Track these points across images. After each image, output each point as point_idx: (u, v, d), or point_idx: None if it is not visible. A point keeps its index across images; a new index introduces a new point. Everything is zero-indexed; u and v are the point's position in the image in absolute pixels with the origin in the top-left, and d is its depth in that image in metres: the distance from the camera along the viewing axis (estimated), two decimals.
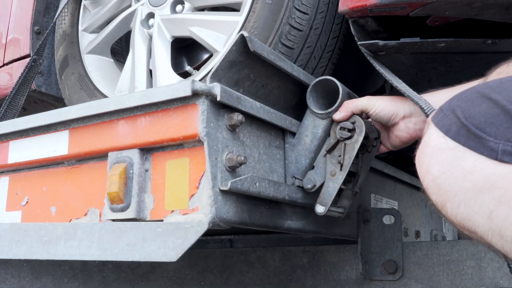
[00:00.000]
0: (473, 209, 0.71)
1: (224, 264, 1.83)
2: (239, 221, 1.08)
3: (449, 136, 0.75)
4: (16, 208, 1.36)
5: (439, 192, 0.75)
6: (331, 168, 1.22)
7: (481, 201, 0.70)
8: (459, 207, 0.73)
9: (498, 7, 1.14)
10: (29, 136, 1.33)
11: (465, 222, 0.73)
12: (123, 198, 1.10)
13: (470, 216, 0.71)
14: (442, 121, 0.77)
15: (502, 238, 0.68)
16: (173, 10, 1.65)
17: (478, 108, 0.72)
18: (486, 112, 0.71)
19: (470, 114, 0.72)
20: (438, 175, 0.75)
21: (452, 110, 0.76)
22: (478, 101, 0.73)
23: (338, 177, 1.20)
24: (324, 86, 1.27)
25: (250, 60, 1.15)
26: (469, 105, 0.73)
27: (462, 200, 0.72)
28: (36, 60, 1.78)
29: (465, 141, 0.72)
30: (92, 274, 2.01)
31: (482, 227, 0.70)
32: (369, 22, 1.30)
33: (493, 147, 0.69)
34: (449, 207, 0.74)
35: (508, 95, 0.70)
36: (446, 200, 0.74)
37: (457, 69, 1.45)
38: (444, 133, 0.75)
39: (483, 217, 0.70)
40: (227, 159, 1.05)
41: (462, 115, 0.73)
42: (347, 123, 1.22)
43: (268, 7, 1.42)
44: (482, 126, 0.71)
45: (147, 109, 1.10)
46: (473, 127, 0.71)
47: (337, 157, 1.22)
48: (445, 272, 1.51)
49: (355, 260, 1.63)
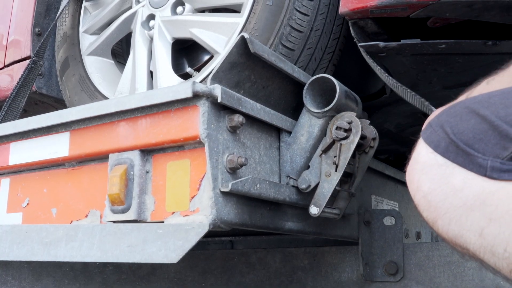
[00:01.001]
0: (464, 227, 0.70)
1: (224, 266, 1.83)
2: (239, 223, 1.08)
3: (438, 152, 0.74)
4: (17, 209, 1.36)
5: (430, 209, 0.75)
6: (326, 168, 1.20)
7: (472, 218, 0.70)
8: (450, 224, 0.72)
9: (498, 9, 1.14)
10: (30, 137, 1.33)
11: (456, 239, 0.72)
12: (124, 199, 1.10)
13: (461, 233, 0.71)
14: (431, 136, 0.76)
15: (494, 256, 0.68)
16: (173, 11, 1.65)
17: (467, 124, 0.72)
18: (474, 128, 0.71)
19: (458, 130, 0.72)
20: (429, 191, 0.75)
21: (441, 125, 0.75)
22: (467, 117, 0.72)
23: (333, 178, 1.19)
24: (321, 84, 1.25)
25: (251, 61, 1.15)
26: (458, 121, 0.73)
27: (453, 217, 0.72)
28: (36, 61, 1.78)
29: (454, 158, 0.72)
30: (93, 275, 2.01)
31: (474, 244, 0.70)
32: (369, 24, 1.30)
33: (482, 163, 0.69)
34: (440, 224, 0.74)
35: (496, 110, 0.70)
36: (437, 217, 0.74)
37: (458, 70, 1.45)
38: (433, 149, 0.75)
39: (475, 235, 0.69)
40: (228, 160, 1.05)
41: (450, 131, 0.73)
42: (344, 122, 1.19)
43: (268, 9, 1.42)
44: (470, 142, 0.70)
45: (148, 110, 1.10)
46: (462, 143, 0.71)
47: (333, 157, 1.20)
48: (446, 273, 1.51)
49: (356, 262, 1.63)
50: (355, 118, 1.20)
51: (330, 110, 1.22)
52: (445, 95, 1.38)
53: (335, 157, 1.19)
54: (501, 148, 0.68)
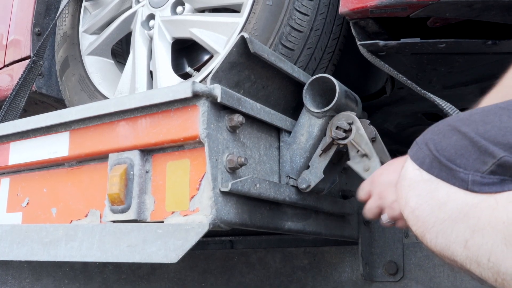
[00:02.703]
0: (450, 239, 0.73)
1: (224, 266, 1.83)
2: (239, 222, 1.08)
3: (423, 168, 0.78)
4: (16, 209, 1.36)
5: (418, 224, 0.78)
6: (363, 167, 1.18)
7: (456, 230, 0.72)
8: (437, 237, 0.75)
9: (498, 8, 1.14)
10: (29, 137, 1.33)
11: (444, 251, 0.75)
12: (124, 199, 1.10)
13: (448, 246, 0.74)
14: (417, 154, 0.80)
15: (480, 266, 0.70)
16: (173, 11, 1.65)
17: (449, 141, 0.75)
18: (456, 144, 0.74)
19: (441, 146, 0.76)
20: (416, 206, 0.78)
21: (425, 143, 0.79)
22: (449, 134, 0.76)
23: (373, 166, 1.16)
24: (321, 84, 1.25)
25: (251, 61, 1.15)
26: (441, 138, 0.77)
27: (439, 230, 0.75)
28: (36, 61, 1.78)
29: (438, 173, 0.76)
30: (93, 275, 2.01)
31: (460, 255, 0.73)
32: (369, 24, 1.30)
33: (463, 177, 0.72)
34: (428, 238, 0.77)
35: (476, 127, 0.73)
36: (425, 231, 0.77)
37: (458, 70, 1.45)
38: (418, 165, 0.79)
39: (460, 246, 0.72)
40: (228, 160, 1.05)
41: (434, 148, 0.77)
42: (344, 123, 1.20)
43: (268, 9, 1.42)
44: (452, 158, 0.74)
45: (148, 110, 1.10)
46: (444, 159, 0.75)
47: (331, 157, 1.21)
48: (445, 273, 1.51)
49: (356, 262, 1.63)
50: (355, 118, 1.20)
51: (330, 110, 1.22)
52: (445, 95, 1.38)
53: (358, 151, 1.18)
54: (481, 163, 0.71)
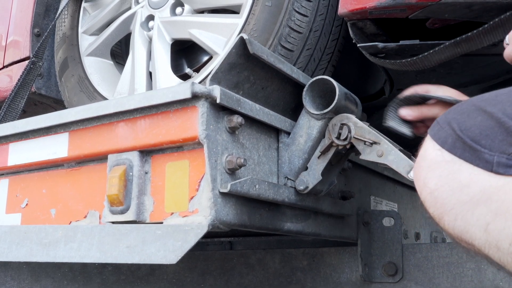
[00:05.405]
0: (470, 222, 0.71)
1: (224, 267, 1.83)
2: (239, 223, 1.08)
3: (445, 148, 0.75)
4: (16, 210, 1.36)
5: (436, 205, 0.76)
6: (377, 155, 1.15)
7: (478, 213, 0.70)
8: (456, 219, 0.73)
9: (497, 10, 1.14)
10: (29, 138, 1.33)
11: (462, 234, 0.73)
12: (123, 200, 1.10)
13: (467, 229, 0.72)
14: (438, 133, 0.78)
15: (499, 250, 0.68)
16: (173, 12, 1.65)
17: (474, 121, 0.73)
18: (481, 125, 0.72)
19: (465, 126, 0.74)
20: (435, 188, 0.76)
21: (448, 122, 0.77)
22: (474, 114, 0.74)
23: (389, 150, 1.14)
24: (321, 86, 1.25)
25: (250, 62, 1.15)
26: (465, 118, 0.74)
27: (459, 212, 0.73)
28: (35, 62, 1.78)
29: (461, 154, 0.73)
30: (92, 276, 2.01)
31: (479, 239, 0.71)
32: (367, 25, 1.30)
33: (488, 159, 0.70)
34: (447, 220, 0.75)
35: (503, 107, 0.71)
36: (443, 213, 0.75)
37: (457, 71, 1.45)
38: (440, 145, 0.76)
39: (480, 230, 0.70)
40: (227, 161, 1.05)
41: (457, 128, 0.74)
42: (340, 126, 1.20)
43: (268, 10, 1.42)
44: (477, 138, 0.72)
45: (147, 111, 1.10)
46: (469, 139, 0.72)
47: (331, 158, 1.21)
48: (445, 274, 1.51)
49: (355, 262, 1.63)
50: (350, 116, 1.20)
51: (330, 112, 1.21)
52: None
53: (365, 142, 1.16)
54: (507, 144, 0.69)
